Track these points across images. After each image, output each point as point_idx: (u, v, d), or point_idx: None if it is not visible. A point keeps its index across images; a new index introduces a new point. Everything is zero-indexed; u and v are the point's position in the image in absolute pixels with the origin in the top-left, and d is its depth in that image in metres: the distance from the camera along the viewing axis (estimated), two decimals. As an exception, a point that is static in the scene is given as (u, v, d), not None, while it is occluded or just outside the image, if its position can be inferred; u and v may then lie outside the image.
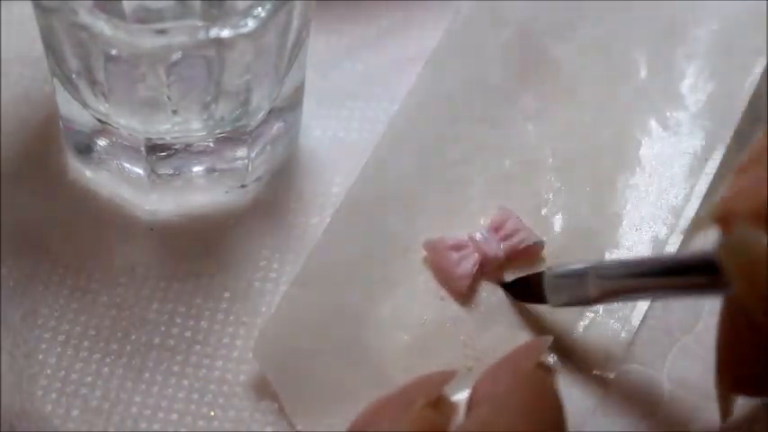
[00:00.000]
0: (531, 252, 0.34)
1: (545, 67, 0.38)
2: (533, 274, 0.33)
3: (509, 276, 0.34)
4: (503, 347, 0.32)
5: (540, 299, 0.32)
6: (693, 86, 0.38)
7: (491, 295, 0.34)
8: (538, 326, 0.33)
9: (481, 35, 0.38)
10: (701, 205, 0.35)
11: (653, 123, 0.37)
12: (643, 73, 0.38)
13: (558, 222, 0.35)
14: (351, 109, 0.39)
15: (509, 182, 0.36)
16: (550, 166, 0.36)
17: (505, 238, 0.34)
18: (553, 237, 0.35)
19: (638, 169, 0.36)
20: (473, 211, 0.35)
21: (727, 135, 0.36)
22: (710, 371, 0.30)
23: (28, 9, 0.34)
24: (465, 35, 0.38)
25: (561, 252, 0.34)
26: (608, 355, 0.32)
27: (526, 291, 0.33)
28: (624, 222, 0.35)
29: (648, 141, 0.37)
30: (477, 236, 0.34)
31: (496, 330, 0.33)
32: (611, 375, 0.32)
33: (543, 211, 0.35)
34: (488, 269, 0.34)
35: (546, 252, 0.34)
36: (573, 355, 0.33)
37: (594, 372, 0.32)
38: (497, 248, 0.34)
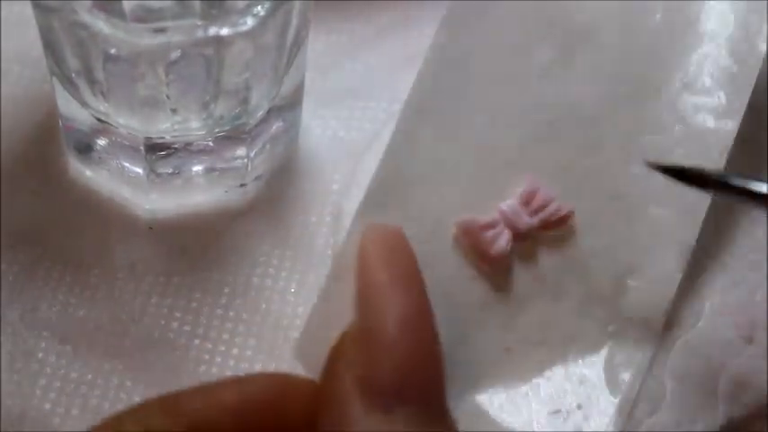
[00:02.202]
0: (563, 222, 0.33)
1: (559, 19, 0.37)
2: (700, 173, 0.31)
3: (540, 250, 0.33)
4: (540, 325, 0.32)
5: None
6: (714, 33, 0.36)
7: (525, 273, 0.33)
8: (573, 304, 0.33)
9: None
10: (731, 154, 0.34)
11: (672, 69, 0.36)
12: (659, 15, 0.37)
13: (586, 186, 0.34)
14: (350, 108, 0.39)
15: (534, 145, 0.34)
16: (575, 124, 0.35)
17: (537, 211, 0.33)
18: (582, 202, 0.34)
19: (662, 120, 0.35)
20: (501, 181, 0.33)
21: (751, 81, 0.35)
22: (713, 367, 0.30)
23: (28, 9, 0.34)
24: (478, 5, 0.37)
25: (591, 218, 0.33)
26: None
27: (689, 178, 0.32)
28: (659, 185, 0.34)
29: (668, 88, 0.35)
30: (508, 211, 0.33)
31: (533, 308, 0.32)
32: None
33: (571, 174, 0.34)
34: (519, 244, 0.33)
35: (576, 221, 0.34)
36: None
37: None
38: (528, 222, 0.33)
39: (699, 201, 0.34)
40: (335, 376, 0.26)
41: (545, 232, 0.33)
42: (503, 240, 0.32)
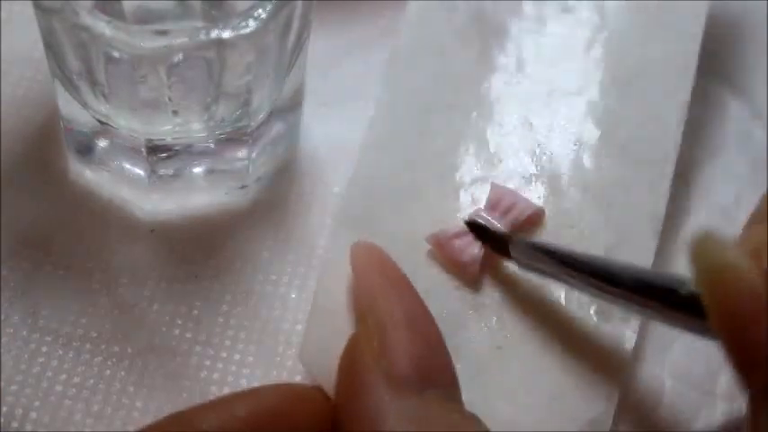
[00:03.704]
0: (534, 221, 0.34)
1: (504, 44, 0.38)
2: (502, 234, 0.33)
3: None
4: (527, 320, 0.32)
5: (505, 253, 0.33)
6: (649, 22, 0.39)
7: (504, 274, 0.34)
8: (557, 295, 0.33)
9: (435, 26, 0.39)
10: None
11: (621, 70, 0.38)
12: (601, 33, 0.38)
13: (553, 185, 0.35)
14: (351, 109, 0.39)
15: (496, 159, 0.36)
16: (532, 136, 0.36)
17: (505, 213, 0.34)
18: (551, 201, 0.35)
19: (620, 117, 0.37)
20: (468, 196, 0.35)
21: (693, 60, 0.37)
22: (712, 367, 0.30)
23: (28, 9, 0.34)
24: (420, 28, 0.39)
25: (563, 214, 0.34)
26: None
27: (492, 241, 0.33)
28: (619, 167, 0.35)
29: (622, 89, 0.37)
30: (477, 219, 0.34)
31: (518, 304, 0.33)
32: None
33: (535, 180, 0.35)
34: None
35: (547, 217, 0.35)
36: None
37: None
38: (499, 227, 0.34)
39: (661, 175, 0.35)
40: (359, 374, 0.27)
41: (519, 233, 0.34)
42: (475, 247, 0.33)
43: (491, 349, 0.32)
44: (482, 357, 0.32)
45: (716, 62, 0.41)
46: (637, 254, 0.33)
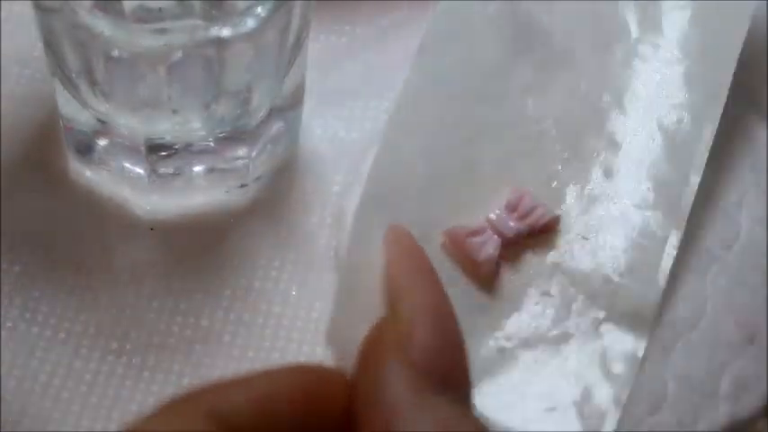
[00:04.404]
0: (550, 227, 0.34)
1: (535, 37, 0.38)
2: None
3: (528, 254, 0.34)
4: (532, 325, 0.32)
5: None
6: (685, 39, 0.37)
7: (514, 277, 0.33)
8: (564, 303, 0.33)
9: (467, 13, 0.38)
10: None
11: (649, 80, 0.37)
12: (634, 31, 0.38)
13: (570, 193, 0.35)
14: (351, 108, 0.39)
15: (517, 158, 0.35)
16: (555, 137, 0.36)
17: (522, 217, 0.34)
18: (567, 208, 0.34)
19: (640, 128, 0.36)
20: (486, 192, 0.34)
21: (725, 85, 0.36)
22: (714, 368, 0.30)
23: (28, 9, 0.34)
24: (451, 16, 0.37)
25: (580, 225, 0.34)
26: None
27: None
28: (640, 185, 0.35)
29: (650, 105, 0.36)
30: (495, 218, 0.34)
31: (523, 309, 0.33)
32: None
33: (554, 183, 0.35)
34: (508, 250, 0.34)
35: (563, 225, 0.34)
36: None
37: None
38: (516, 228, 0.34)
39: (681, 199, 0.34)
40: (381, 361, 0.26)
41: (533, 237, 0.34)
42: (490, 246, 0.33)
43: (493, 352, 0.32)
44: (483, 360, 0.32)
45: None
46: (649, 276, 0.33)
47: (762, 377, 0.32)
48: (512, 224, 0.34)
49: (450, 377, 0.27)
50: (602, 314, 0.33)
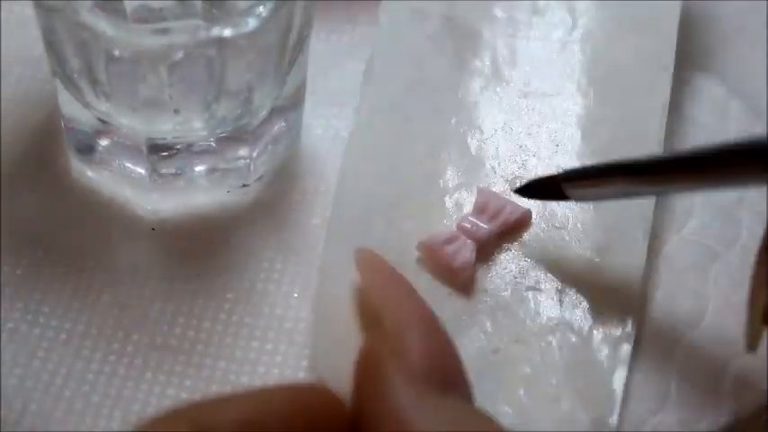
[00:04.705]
0: (522, 223, 0.35)
1: (479, 47, 0.38)
2: (549, 177, 0.34)
3: (505, 253, 0.34)
4: (523, 322, 0.32)
5: (561, 196, 0.33)
6: (621, 19, 0.39)
7: (495, 278, 0.34)
8: (550, 296, 0.33)
9: (409, 34, 0.39)
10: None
11: (597, 69, 0.38)
12: (574, 33, 0.39)
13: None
14: (352, 108, 0.39)
15: (479, 163, 0.36)
16: (514, 137, 0.37)
17: (493, 217, 0.34)
18: (537, 203, 0.35)
19: (596, 110, 0.37)
20: (454, 201, 0.35)
21: (670, 56, 0.38)
22: (717, 368, 0.30)
23: (28, 9, 0.34)
24: (392, 37, 0.39)
25: (550, 216, 0.35)
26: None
27: (544, 192, 0.34)
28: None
29: (600, 88, 0.38)
30: (466, 224, 0.34)
31: (512, 307, 0.33)
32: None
33: (519, 182, 0.35)
34: (485, 253, 0.34)
35: (534, 218, 0.35)
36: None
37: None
38: (488, 230, 0.34)
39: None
40: (380, 377, 0.27)
41: (507, 235, 0.34)
42: (466, 252, 0.33)
43: (488, 353, 0.32)
44: (480, 362, 0.32)
45: (714, 61, 0.41)
46: (628, 254, 0.34)
47: (764, 376, 0.32)
48: (483, 226, 0.34)
49: (449, 378, 0.27)
50: (588, 299, 0.33)
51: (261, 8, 0.31)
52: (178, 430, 0.24)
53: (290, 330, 0.34)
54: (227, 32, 0.31)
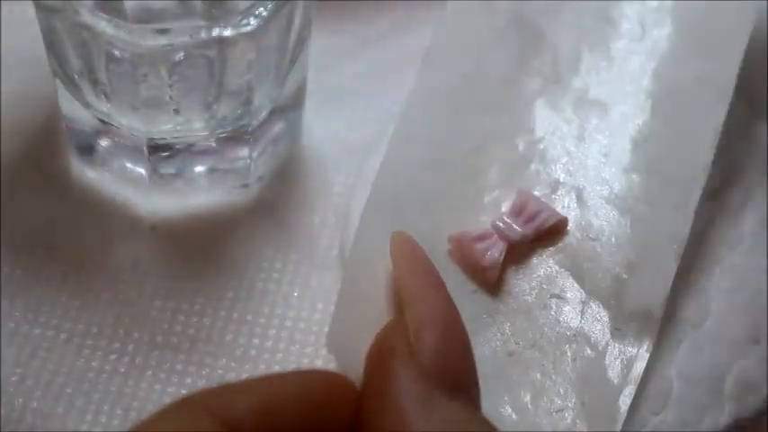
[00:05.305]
0: (556, 230, 0.34)
1: (543, 48, 0.38)
2: None
3: (535, 258, 0.34)
4: (541, 328, 0.32)
5: None
6: (690, 39, 0.38)
7: (521, 281, 0.33)
8: (572, 305, 0.33)
9: (474, 24, 0.38)
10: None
11: (656, 81, 0.37)
12: (641, 45, 0.38)
13: (579, 196, 0.35)
14: (352, 108, 0.39)
15: (524, 164, 0.35)
16: (564, 143, 0.36)
17: (528, 220, 0.34)
18: (575, 211, 0.35)
19: (647, 129, 0.36)
20: (492, 199, 0.35)
21: (730, 83, 0.36)
22: (719, 367, 0.30)
23: (29, 9, 0.34)
24: (458, 27, 0.38)
25: (586, 226, 0.34)
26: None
27: None
28: (647, 184, 0.35)
29: (657, 104, 0.37)
30: (500, 223, 0.34)
31: (532, 312, 0.33)
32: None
33: (561, 188, 0.35)
34: (515, 254, 0.34)
35: (570, 227, 0.34)
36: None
37: None
38: (522, 233, 0.34)
39: (688, 195, 0.35)
40: (391, 365, 0.27)
41: (540, 240, 0.34)
42: (495, 251, 0.33)
43: (502, 355, 0.32)
44: (492, 362, 0.31)
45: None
46: (656, 273, 0.33)
47: (765, 377, 0.32)
48: (517, 228, 0.34)
49: (459, 381, 0.27)
50: (610, 314, 0.33)
51: (261, 8, 0.31)
52: (193, 417, 0.24)
53: (290, 329, 0.34)
54: (228, 32, 0.31)
